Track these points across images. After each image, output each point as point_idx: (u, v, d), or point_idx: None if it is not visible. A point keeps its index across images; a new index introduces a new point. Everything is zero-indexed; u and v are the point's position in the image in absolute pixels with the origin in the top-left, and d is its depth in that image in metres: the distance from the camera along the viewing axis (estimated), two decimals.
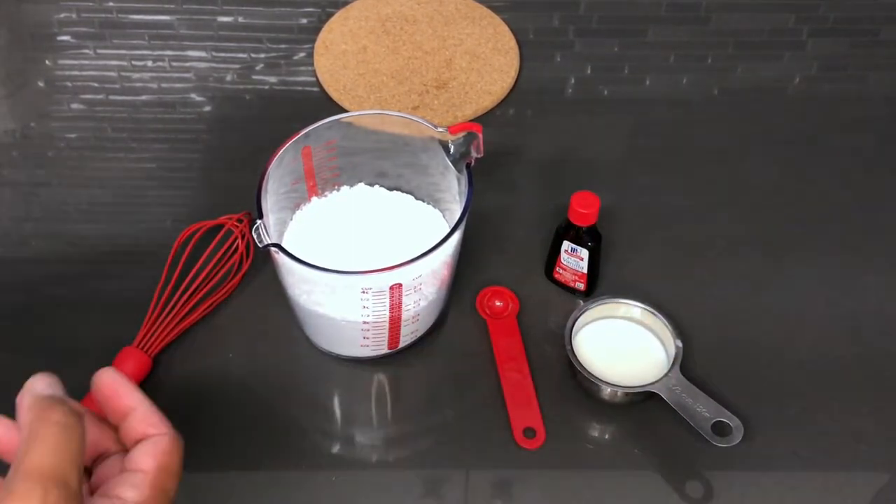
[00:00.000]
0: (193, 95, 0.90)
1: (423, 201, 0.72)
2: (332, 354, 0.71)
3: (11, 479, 0.38)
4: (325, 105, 0.88)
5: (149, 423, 0.45)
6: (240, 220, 0.75)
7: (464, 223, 0.63)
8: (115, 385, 0.46)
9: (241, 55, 0.93)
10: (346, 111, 0.85)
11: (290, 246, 0.62)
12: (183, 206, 0.81)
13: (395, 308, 0.64)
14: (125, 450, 0.46)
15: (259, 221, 0.60)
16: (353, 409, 0.71)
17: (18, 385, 0.70)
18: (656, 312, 0.70)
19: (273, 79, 0.92)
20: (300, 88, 0.91)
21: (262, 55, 0.94)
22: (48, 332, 0.72)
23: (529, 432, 0.67)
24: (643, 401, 0.68)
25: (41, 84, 0.92)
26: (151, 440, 0.45)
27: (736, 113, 0.90)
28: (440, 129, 0.66)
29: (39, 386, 0.42)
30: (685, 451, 0.66)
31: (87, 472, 0.47)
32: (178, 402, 0.69)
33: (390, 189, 0.73)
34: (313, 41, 0.94)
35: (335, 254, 0.66)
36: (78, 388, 0.66)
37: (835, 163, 0.85)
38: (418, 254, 0.60)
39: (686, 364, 0.67)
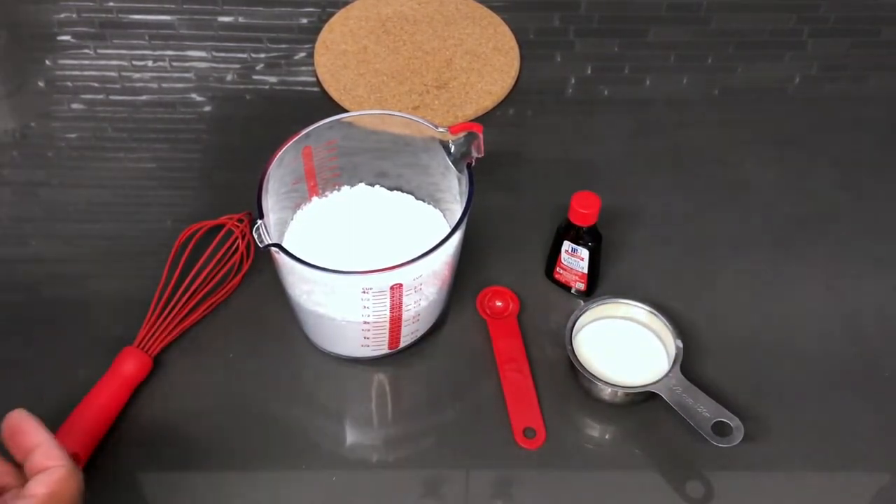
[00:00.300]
0: (193, 95, 0.90)
1: (424, 201, 0.72)
2: (332, 354, 0.71)
3: None
4: (326, 105, 0.88)
5: (49, 456, 0.48)
6: (240, 220, 0.75)
7: (464, 223, 0.63)
8: (21, 424, 0.49)
9: (241, 55, 0.93)
10: (346, 111, 0.84)
11: (291, 246, 0.62)
12: (183, 206, 0.81)
13: (396, 308, 0.64)
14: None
15: (259, 221, 0.60)
16: (354, 409, 0.71)
17: (19, 384, 0.70)
18: (657, 312, 0.70)
19: (273, 79, 0.92)
20: (300, 88, 0.91)
21: (263, 55, 0.94)
22: (48, 332, 0.72)
23: (530, 432, 0.67)
24: (644, 401, 0.68)
25: (41, 84, 0.92)
26: (48, 471, 0.48)
27: (736, 113, 0.90)
28: (441, 129, 0.66)
29: None
30: (685, 451, 0.66)
31: None
32: (178, 402, 0.69)
33: (391, 189, 0.73)
34: (314, 41, 0.94)
35: (336, 254, 0.66)
36: (77, 388, 0.66)
37: (835, 163, 0.85)
38: (419, 254, 0.60)
39: (686, 364, 0.67)
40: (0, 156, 0.85)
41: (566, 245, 0.72)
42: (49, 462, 0.48)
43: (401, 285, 0.62)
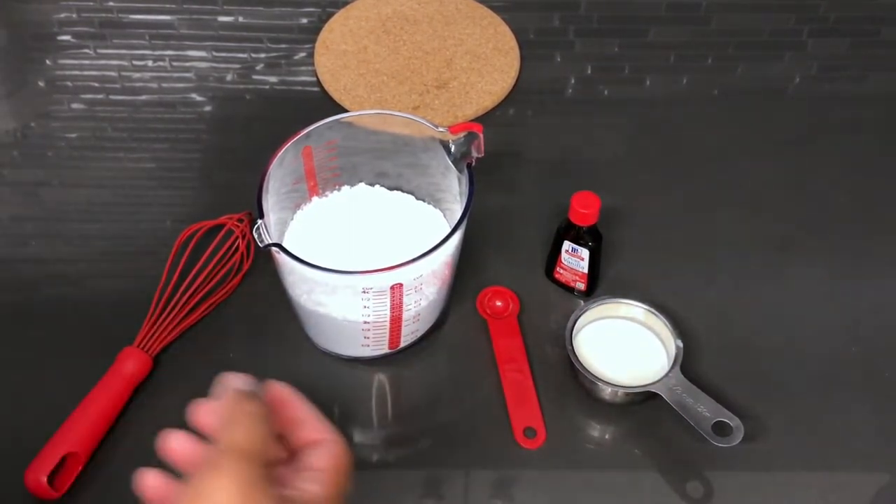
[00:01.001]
0: (193, 95, 0.90)
1: (424, 201, 0.72)
2: (332, 354, 0.71)
3: (214, 454, 0.44)
4: (326, 105, 0.88)
5: (319, 430, 0.49)
6: (240, 220, 0.75)
7: (465, 223, 0.63)
8: (285, 397, 0.50)
9: (241, 55, 0.93)
10: (346, 111, 0.84)
11: (291, 246, 0.62)
12: (183, 206, 0.81)
13: (396, 308, 0.64)
14: (288, 458, 0.49)
15: (260, 221, 0.60)
16: (353, 409, 0.71)
17: (19, 384, 0.70)
18: (657, 312, 0.70)
19: (273, 79, 0.92)
20: (300, 88, 0.91)
21: (263, 55, 0.94)
22: (48, 332, 0.72)
23: (530, 432, 0.67)
24: (643, 401, 0.68)
25: (41, 84, 0.92)
26: (325, 445, 0.48)
27: (736, 113, 0.90)
28: (441, 129, 0.66)
29: (236, 382, 0.47)
30: (685, 451, 0.66)
31: None
32: (178, 402, 0.69)
33: (391, 189, 0.73)
34: (314, 41, 0.94)
35: (336, 254, 0.66)
36: (77, 388, 0.66)
37: (835, 163, 0.85)
38: (419, 254, 0.60)
39: (686, 364, 0.67)
40: (0, 156, 0.85)
41: (566, 245, 0.72)
42: (321, 436, 0.48)
43: (401, 285, 0.62)
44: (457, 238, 0.64)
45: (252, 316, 0.73)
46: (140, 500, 0.47)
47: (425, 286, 0.64)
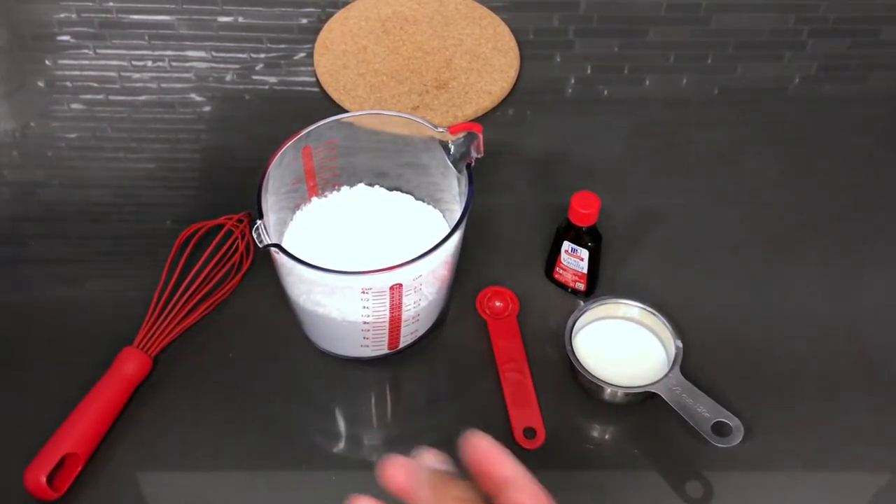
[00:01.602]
0: (193, 95, 0.90)
1: (424, 201, 0.72)
2: (332, 354, 0.71)
3: None
4: (325, 105, 0.88)
5: (529, 493, 0.45)
6: (240, 221, 0.75)
7: (464, 223, 0.63)
8: (492, 453, 0.46)
9: (241, 55, 0.93)
10: (346, 111, 0.85)
11: (291, 246, 0.62)
12: (183, 206, 0.81)
13: (396, 308, 0.64)
14: None
15: (259, 221, 0.60)
16: (353, 409, 0.71)
17: (19, 384, 0.70)
18: (656, 312, 0.70)
19: (273, 79, 0.92)
20: (300, 88, 0.91)
21: (262, 55, 0.94)
22: (48, 332, 0.72)
23: (529, 432, 0.67)
24: (643, 401, 0.68)
25: (41, 84, 0.92)
26: None
27: (736, 113, 0.90)
28: (440, 129, 0.66)
29: (431, 461, 0.44)
30: (685, 451, 0.66)
31: None
32: (178, 402, 0.69)
33: (390, 189, 0.73)
34: (313, 41, 0.94)
35: (335, 254, 0.66)
36: (77, 388, 0.66)
37: (835, 163, 0.85)
38: (418, 254, 0.60)
39: (686, 364, 0.67)
40: (0, 156, 0.85)
41: (566, 245, 0.72)
42: (531, 501, 0.44)
43: (400, 285, 0.62)
44: (456, 238, 0.64)
45: (252, 316, 0.73)
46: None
47: (425, 286, 0.64)
